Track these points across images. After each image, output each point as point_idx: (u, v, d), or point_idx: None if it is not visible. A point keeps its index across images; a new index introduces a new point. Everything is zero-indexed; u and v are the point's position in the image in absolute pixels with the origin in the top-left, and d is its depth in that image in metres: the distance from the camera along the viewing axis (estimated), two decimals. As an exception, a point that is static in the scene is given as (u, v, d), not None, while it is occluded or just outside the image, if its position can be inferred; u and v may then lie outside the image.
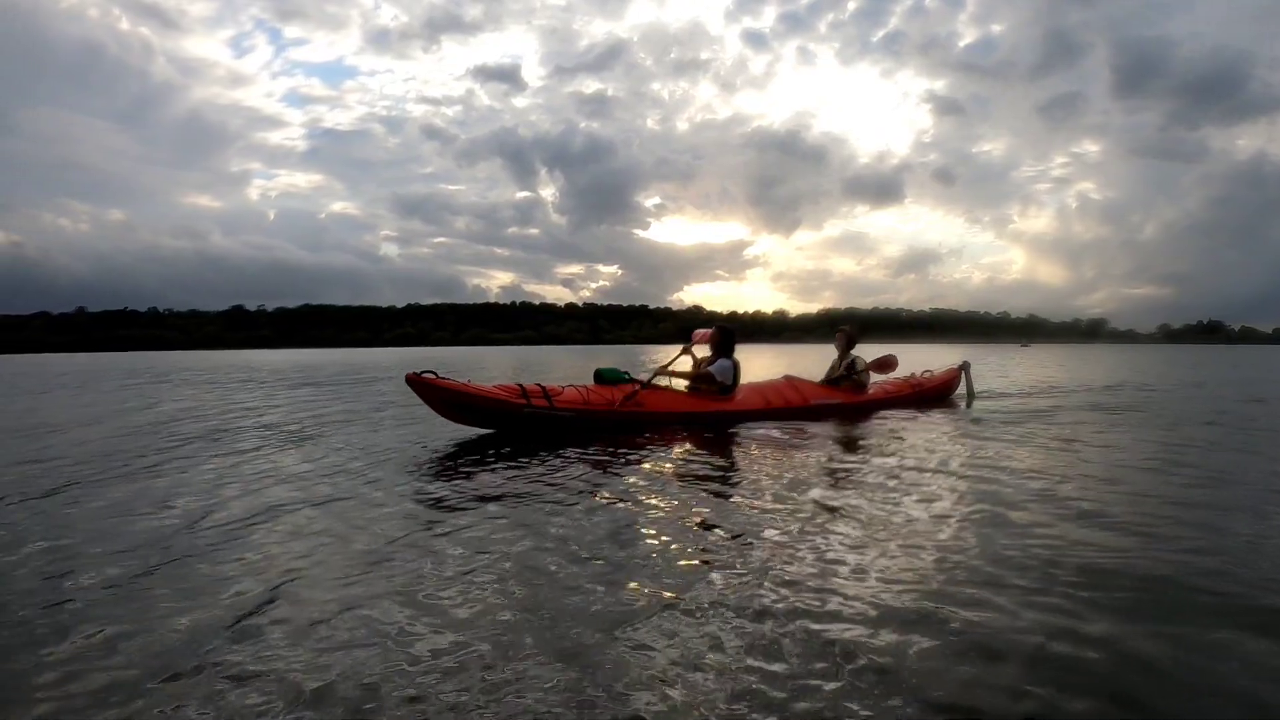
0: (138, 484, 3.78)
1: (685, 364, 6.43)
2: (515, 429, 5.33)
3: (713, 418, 5.95)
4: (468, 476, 3.92)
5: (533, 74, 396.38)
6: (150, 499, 3.41)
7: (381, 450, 4.78)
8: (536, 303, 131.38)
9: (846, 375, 7.07)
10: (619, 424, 5.55)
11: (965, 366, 8.60)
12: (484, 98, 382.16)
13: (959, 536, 2.67)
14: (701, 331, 6.55)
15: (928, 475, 3.83)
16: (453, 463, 4.37)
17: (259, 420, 6.84)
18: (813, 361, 14.20)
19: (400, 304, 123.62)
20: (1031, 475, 3.82)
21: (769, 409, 6.31)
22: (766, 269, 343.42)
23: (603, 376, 5.92)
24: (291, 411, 7.68)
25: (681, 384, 6.22)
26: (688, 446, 4.92)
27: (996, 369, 17.12)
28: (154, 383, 14.30)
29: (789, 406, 6.43)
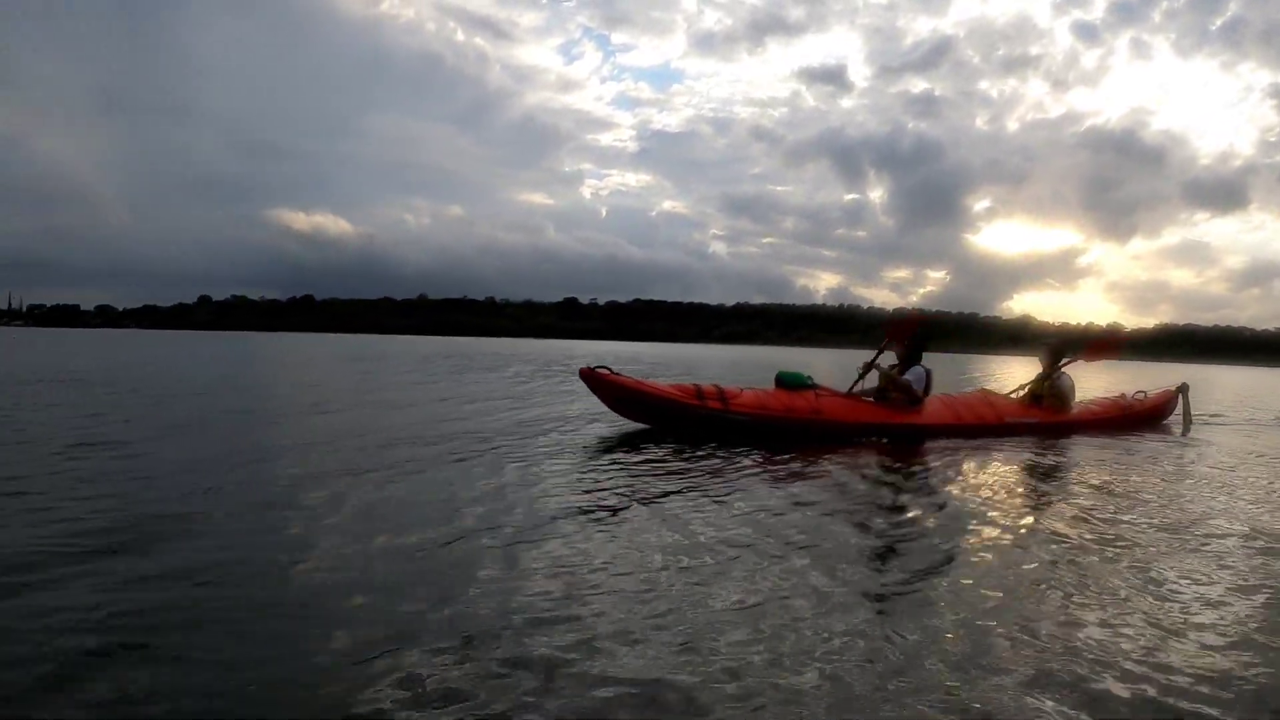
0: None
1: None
2: (686, 429, 5.23)
3: (897, 429, 5.70)
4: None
5: (858, 74, 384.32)
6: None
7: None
8: (864, 306, 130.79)
9: (1049, 393, 6.70)
10: (797, 431, 5.37)
11: (1183, 389, 7.90)
12: (810, 99, 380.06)
13: (1183, 582, 2.48)
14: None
15: (1139, 510, 3.56)
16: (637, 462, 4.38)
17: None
18: (1132, 384, 10.58)
19: (729, 302, 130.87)
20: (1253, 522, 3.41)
21: (959, 424, 5.99)
22: (1099, 279, 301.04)
23: (784, 381, 5.71)
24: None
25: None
26: (870, 458, 4.75)
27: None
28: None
29: (981, 423, 6.06)
